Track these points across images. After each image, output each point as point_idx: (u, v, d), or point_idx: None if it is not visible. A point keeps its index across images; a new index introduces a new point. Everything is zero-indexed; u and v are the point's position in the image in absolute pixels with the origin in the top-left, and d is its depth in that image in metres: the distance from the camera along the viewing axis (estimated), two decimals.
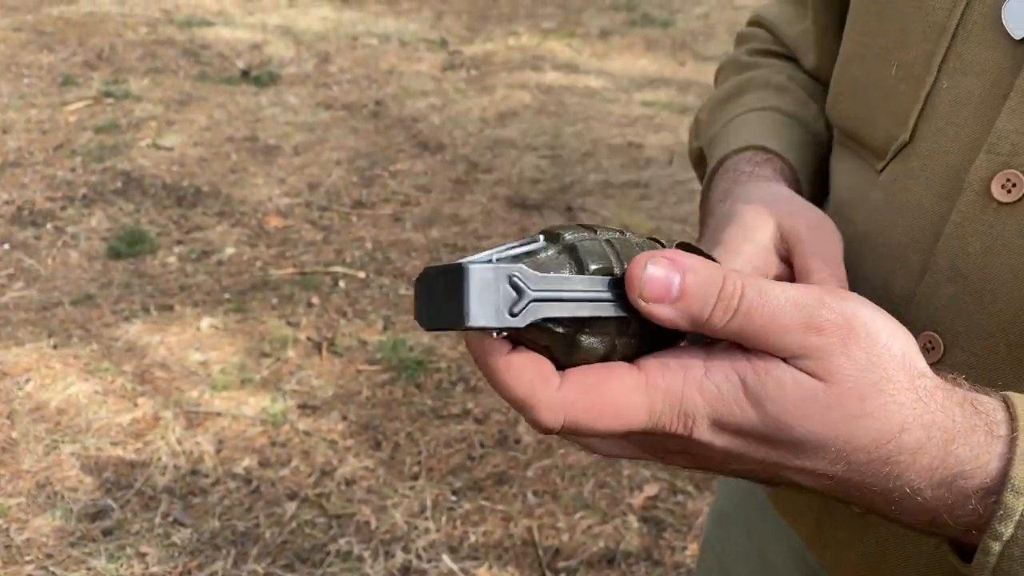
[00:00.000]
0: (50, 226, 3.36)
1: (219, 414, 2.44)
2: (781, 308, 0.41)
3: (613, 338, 0.42)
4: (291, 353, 2.68)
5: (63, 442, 2.33)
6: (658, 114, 4.50)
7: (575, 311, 0.40)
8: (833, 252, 0.59)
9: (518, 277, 0.39)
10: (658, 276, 0.41)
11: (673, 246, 0.47)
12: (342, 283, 3.04)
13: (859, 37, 0.66)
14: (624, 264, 0.42)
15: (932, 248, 0.57)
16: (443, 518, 2.14)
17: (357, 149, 4.06)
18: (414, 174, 3.84)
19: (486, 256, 0.40)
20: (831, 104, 0.70)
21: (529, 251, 0.41)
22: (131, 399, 2.48)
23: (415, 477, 2.25)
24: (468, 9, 6.28)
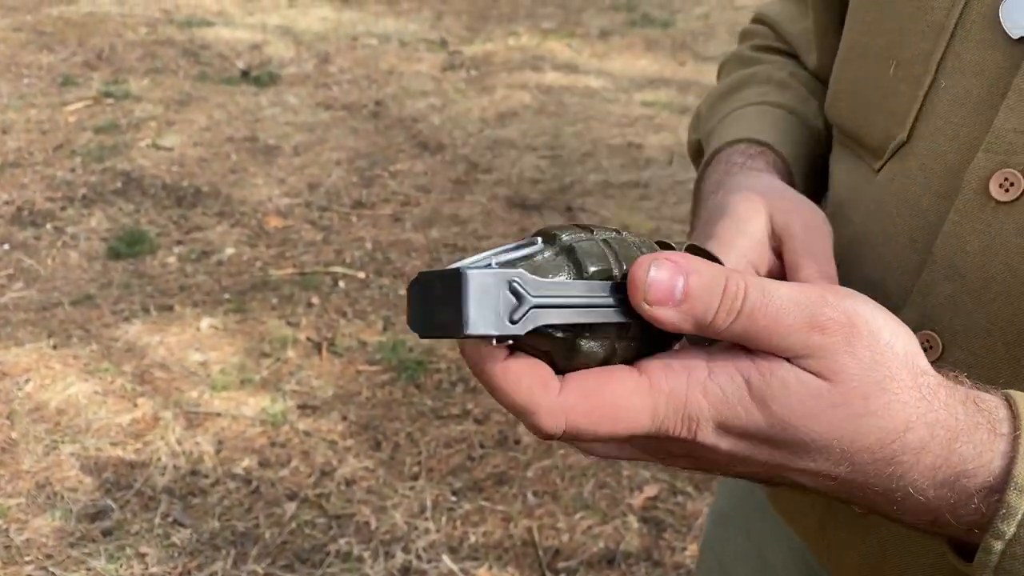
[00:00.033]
0: (50, 226, 3.36)
1: (219, 414, 2.44)
2: (785, 308, 0.40)
3: (613, 341, 0.42)
4: (291, 353, 2.68)
5: (63, 442, 2.33)
6: (658, 114, 4.50)
7: (577, 317, 0.39)
8: (823, 248, 0.59)
9: (518, 282, 0.37)
10: (662, 279, 0.40)
11: (683, 248, 0.47)
12: (342, 283, 3.04)
13: (858, 37, 0.66)
14: (623, 265, 0.41)
15: (930, 247, 0.57)
16: (443, 518, 2.14)
17: (357, 149, 4.06)
18: (414, 174, 3.84)
19: (482, 260, 0.39)
20: (830, 103, 0.70)
21: (526, 254, 0.40)
22: (131, 399, 2.48)
23: (415, 477, 2.25)
24: (468, 9, 6.28)
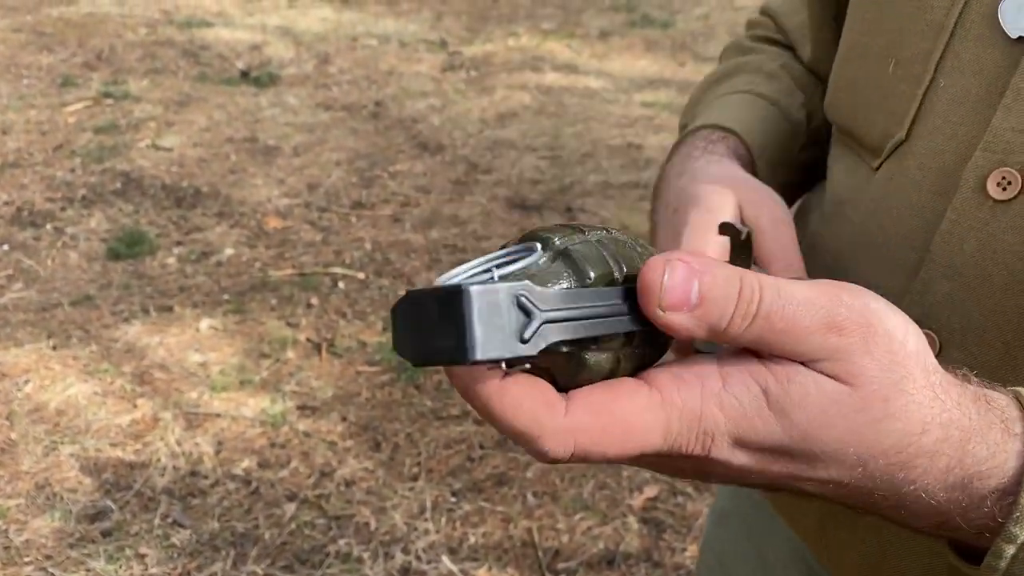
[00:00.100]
0: (49, 227, 3.36)
1: (218, 415, 2.44)
2: (801, 310, 0.38)
3: (618, 352, 0.38)
4: (290, 354, 2.68)
5: (62, 443, 2.33)
6: (658, 115, 4.50)
7: (587, 330, 0.36)
8: (791, 242, 0.59)
9: (526, 297, 0.33)
10: (676, 282, 0.37)
11: (717, 227, 0.46)
12: (341, 284, 3.04)
13: (858, 36, 0.66)
14: (623, 266, 0.38)
15: (928, 245, 0.57)
16: (443, 519, 2.13)
17: (357, 150, 4.06)
18: (414, 175, 3.84)
19: (473, 269, 0.35)
20: (829, 102, 0.71)
21: (519, 261, 0.36)
22: (130, 400, 2.48)
23: (415, 478, 2.25)
24: (468, 10, 6.28)
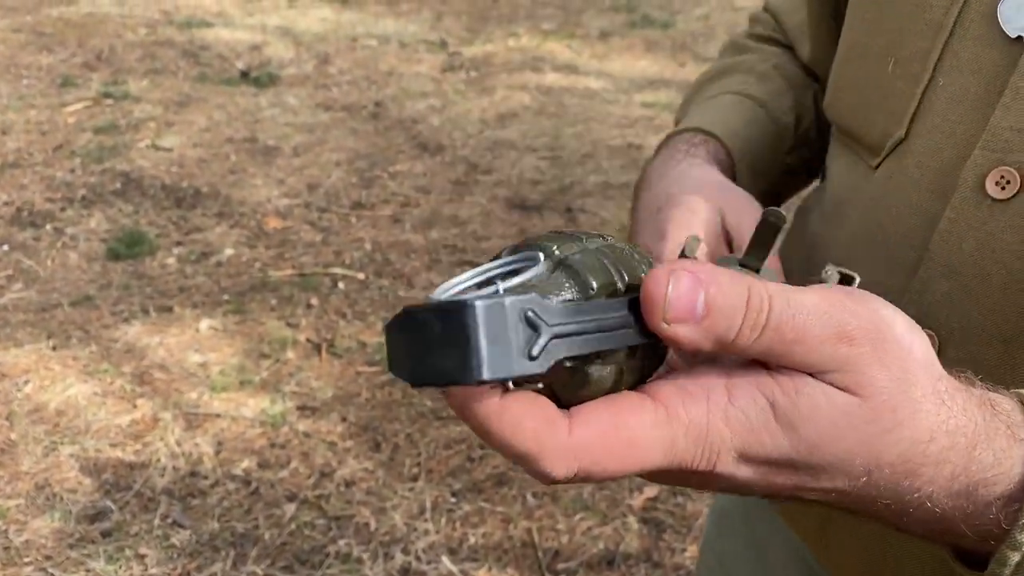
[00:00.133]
0: (49, 227, 3.36)
1: (218, 415, 2.44)
2: (811, 319, 0.36)
3: (621, 365, 0.37)
4: (290, 354, 2.68)
5: (62, 443, 2.33)
6: (658, 115, 4.50)
7: (596, 345, 0.34)
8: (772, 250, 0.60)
9: (534, 311, 0.31)
10: (682, 293, 0.35)
11: (760, 213, 0.45)
12: (341, 284, 3.04)
13: (858, 36, 0.66)
14: (624, 275, 0.37)
15: (927, 244, 0.57)
16: (443, 519, 2.13)
17: (356, 150, 4.06)
18: (413, 175, 3.83)
19: (467, 281, 0.33)
20: (829, 102, 0.71)
21: (523, 272, 0.34)
22: (130, 400, 2.48)
23: (414, 479, 2.25)
24: (468, 10, 6.28)
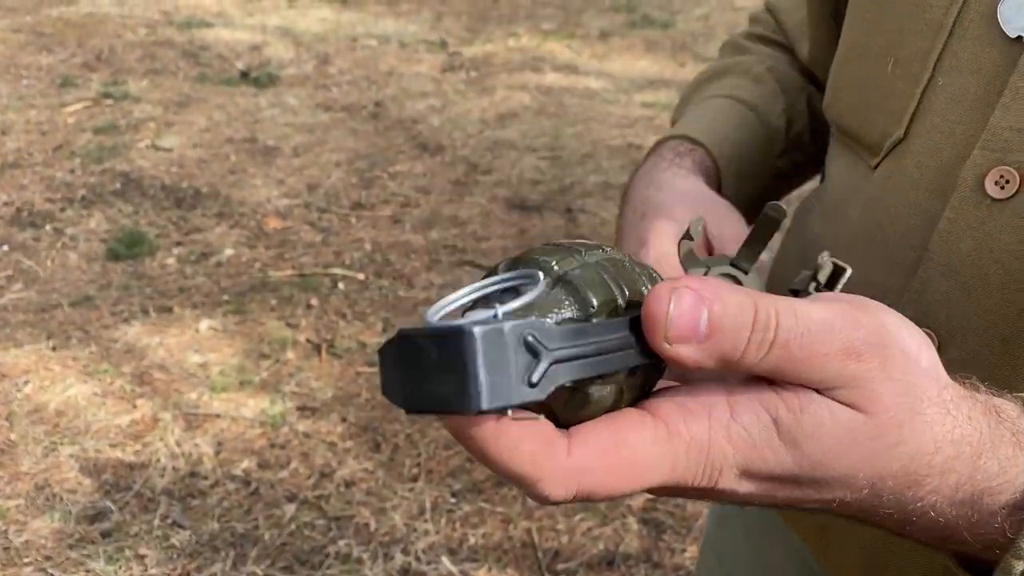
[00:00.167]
0: (49, 227, 3.36)
1: (218, 416, 2.44)
2: (819, 336, 0.35)
3: (622, 384, 0.36)
4: (290, 355, 2.68)
5: (62, 444, 2.33)
6: (658, 115, 4.50)
7: (597, 368, 0.33)
8: None
9: (534, 335, 0.30)
10: (683, 312, 0.34)
11: (764, 208, 0.45)
12: (341, 285, 3.04)
13: (858, 36, 0.66)
14: (625, 291, 0.36)
15: (926, 244, 0.57)
16: (442, 520, 2.13)
17: (356, 150, 4.06)
18: (413, 175, 3.83)
19: (463, 298, 0.32)
20: (828, 102, 0.71)
21: (523, 293, 0.33)
22: (130, 401, 2.48)
23: (414, 479, 2.25)
24: (468, 10, 6.28)
